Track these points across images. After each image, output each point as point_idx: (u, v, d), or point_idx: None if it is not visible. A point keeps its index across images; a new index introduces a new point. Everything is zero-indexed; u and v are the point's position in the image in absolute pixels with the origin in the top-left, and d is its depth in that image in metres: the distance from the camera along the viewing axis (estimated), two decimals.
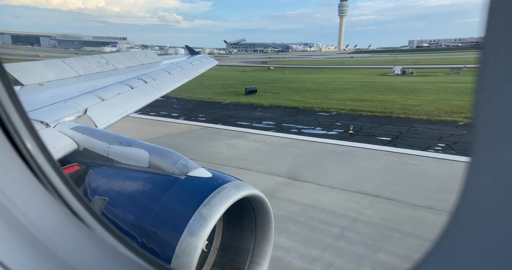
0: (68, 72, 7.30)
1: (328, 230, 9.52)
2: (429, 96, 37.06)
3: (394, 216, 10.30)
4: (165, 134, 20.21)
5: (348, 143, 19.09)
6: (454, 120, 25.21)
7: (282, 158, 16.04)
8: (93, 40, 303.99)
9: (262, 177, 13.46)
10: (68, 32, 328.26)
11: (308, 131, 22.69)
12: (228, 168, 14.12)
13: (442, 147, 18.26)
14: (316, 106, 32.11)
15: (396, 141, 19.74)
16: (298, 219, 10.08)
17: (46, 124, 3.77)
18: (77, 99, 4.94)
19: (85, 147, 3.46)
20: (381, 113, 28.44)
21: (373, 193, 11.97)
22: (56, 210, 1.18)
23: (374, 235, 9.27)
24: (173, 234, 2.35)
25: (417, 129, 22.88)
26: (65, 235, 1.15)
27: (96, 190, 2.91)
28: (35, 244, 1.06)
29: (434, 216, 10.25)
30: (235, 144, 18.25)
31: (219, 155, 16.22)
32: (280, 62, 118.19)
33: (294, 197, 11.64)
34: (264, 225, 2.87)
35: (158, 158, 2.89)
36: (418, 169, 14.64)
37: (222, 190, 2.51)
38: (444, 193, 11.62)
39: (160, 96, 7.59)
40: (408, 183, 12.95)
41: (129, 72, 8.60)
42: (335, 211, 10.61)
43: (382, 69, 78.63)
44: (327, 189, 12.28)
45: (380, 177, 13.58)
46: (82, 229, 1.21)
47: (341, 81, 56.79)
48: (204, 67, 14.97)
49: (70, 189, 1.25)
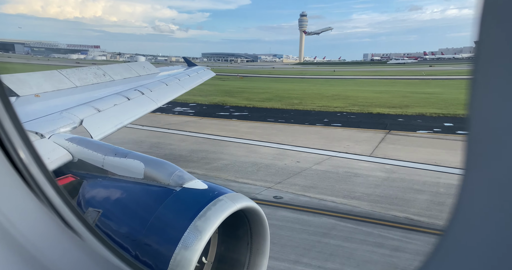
0: (65, 83, 7.31)
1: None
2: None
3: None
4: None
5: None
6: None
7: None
8: (67, 48, 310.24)
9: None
10: (43, 40, 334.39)
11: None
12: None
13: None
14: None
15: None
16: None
17: (41, 135, 3.75)
18: (73, 110, 4.93)
19: (80, 158, 3.43)
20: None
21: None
22: (48, 220, 1.16)
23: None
24: (168, 246, 2.32)
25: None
26: (56, 246, 1.13)
27: (90, 202, 2.88)
28: (25, 255, 1.04)
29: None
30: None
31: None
32: (239, 70, 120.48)
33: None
34: (259, 237, 2.84)
35: (154, 169, 2.87)
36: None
37: (218, 202, 2.49)
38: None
39: (157, 107, 7.61)
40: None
41: (126, 83, 8.63)
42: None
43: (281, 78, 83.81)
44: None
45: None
46: (74, 240, 1.19)
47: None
48: (201, 78, 15.08)
49: (63, 199, 1.23)
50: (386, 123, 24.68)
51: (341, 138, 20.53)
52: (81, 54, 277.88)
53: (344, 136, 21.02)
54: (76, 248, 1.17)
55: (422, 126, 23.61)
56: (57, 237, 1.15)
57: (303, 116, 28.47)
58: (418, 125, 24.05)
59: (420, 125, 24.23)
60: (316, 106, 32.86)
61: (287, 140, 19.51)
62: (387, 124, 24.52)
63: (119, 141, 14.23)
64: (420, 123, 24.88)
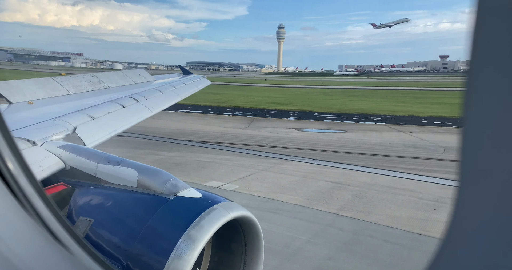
0: (59, 90, 7.26)
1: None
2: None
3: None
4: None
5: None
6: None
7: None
8: (51, 55, 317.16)
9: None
10: (27, 47, 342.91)
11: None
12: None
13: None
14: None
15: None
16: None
17: (33, 142, 3.69)
18: (66, 118, 4.88)
19: (72, 166, 3.38)
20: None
21: None
22: (35, 232, 1.12)
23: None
24: (160, 257, 2.27)
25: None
26: (44, 260, 1.09)
27: (81, 211, 2.82)
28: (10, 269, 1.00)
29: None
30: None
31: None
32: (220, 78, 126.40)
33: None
34: (254, 247, 2.80)
35: (147, 177, 2.83)
36: None
37: (212, 211, 2.45)
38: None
39: (151, 115, 7.56)
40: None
41: (121, 91, 8.60)
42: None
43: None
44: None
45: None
46: (62, 253, 1.15)
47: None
48: (197, 86, 15.07)
49: (51, 211, 1.20)
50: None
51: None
52: (63, 61, 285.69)
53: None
54: (65, 262, 1.13)
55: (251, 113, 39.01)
56: (45, 250, 1.11)
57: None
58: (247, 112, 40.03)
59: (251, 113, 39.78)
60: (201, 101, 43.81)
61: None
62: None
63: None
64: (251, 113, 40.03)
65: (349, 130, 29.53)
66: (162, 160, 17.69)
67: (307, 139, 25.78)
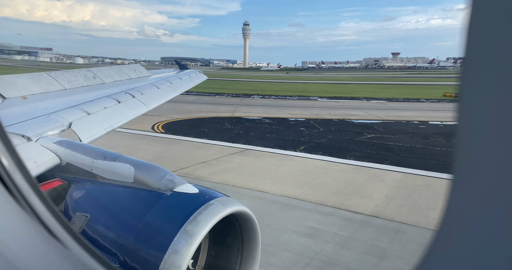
0: (54, 85, 7.19)
1: None
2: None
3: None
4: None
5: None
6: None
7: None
8: (20, 50, 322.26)
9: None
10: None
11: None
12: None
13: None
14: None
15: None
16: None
17: (27, 138, 3.66)
18: (61, 113, 4.84)
19: (68, 161, 3.36)
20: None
21: None
22: (31, 228, 1.11)
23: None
24: (157, 252, 2.27)
25: None
26: (39, 256, 1.08)
27: (77, 206, 2.81)
28: (6, 266, 0.99)
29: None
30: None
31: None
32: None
33: None
34: (250, 242, 2.81)
35: (144, 173, 2.82)
36: None
37: (209, 206, 2.46)
38: None
39: (148, 110, 7.52)
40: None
41: (116, 86, 8.53)
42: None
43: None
44: None
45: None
46: (58, 249, 1.14)
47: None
48: (193, 82, 14.99)
49: (47, 207, 1.19)
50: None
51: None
52: (30, 56, 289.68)
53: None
54: (61, 258, 1.12)
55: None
56: (41, 247, 1.11)
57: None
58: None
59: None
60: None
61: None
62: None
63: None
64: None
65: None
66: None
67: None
